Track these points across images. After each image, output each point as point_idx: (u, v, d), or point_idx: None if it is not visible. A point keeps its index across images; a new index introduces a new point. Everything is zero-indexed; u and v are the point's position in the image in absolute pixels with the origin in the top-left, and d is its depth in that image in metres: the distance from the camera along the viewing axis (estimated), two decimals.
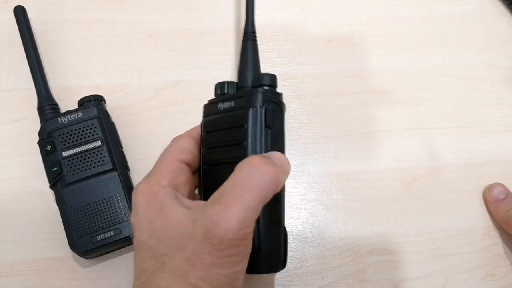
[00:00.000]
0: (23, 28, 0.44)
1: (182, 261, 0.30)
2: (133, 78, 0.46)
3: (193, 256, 0.29)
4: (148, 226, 0.32)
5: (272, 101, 0.33)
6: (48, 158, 0.40)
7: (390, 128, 0.45)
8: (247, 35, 0.38)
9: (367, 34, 0.48)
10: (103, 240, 0.38)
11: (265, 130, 0.32)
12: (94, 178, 0.39)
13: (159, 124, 0.44)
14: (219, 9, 0.48)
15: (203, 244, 0.29)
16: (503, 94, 0.47)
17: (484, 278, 0.41)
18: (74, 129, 0.40)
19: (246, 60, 0.36)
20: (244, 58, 0.37)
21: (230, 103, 0.34)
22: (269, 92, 0.34)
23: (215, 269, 0.29)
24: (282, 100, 0.34)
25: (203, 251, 0.29)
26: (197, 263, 0.29)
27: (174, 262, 0.30)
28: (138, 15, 0.48)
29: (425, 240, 0.42)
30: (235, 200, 0.29)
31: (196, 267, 0.29)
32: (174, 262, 0.30)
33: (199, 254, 0.29)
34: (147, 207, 0.32)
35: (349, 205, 0.43)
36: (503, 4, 0.50)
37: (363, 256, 0.42)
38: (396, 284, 0.41)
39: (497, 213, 0.42)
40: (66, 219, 0.39)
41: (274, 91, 0.34)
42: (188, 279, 0.29)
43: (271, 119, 0.33)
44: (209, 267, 0.29)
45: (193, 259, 0.29)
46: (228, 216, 0.28)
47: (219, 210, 0.29)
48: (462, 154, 0.45)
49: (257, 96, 0.33)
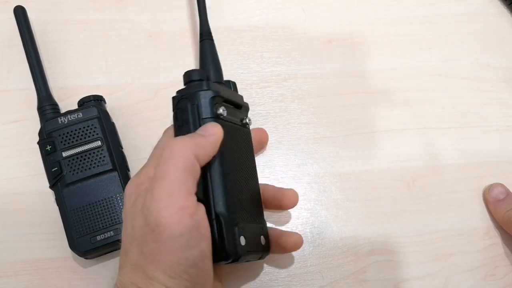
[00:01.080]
0: (23, 28, 0.44)
1: (137, 254, 0.30)
2: (133, 78, 0.46)
3: (143, 247, 0.29)
4: (124, 218, 0.32)
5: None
6: (48, 158, 0.40)
7: (390, 128, 0.45)
8: (204, 36, 0.41)
9: (367, 34, 0.48)
10: (103, 240, 0.38)
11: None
12: (94, 178, 0.39)
13: (159, 124, 0.44)
14: (218, 9, 0.48)
15: (147, 232, 0.29)
16: (503, 94, 0.47)
17: (484, 278, 0.41)
18: (74, 129, 0.40)
19: (210, 58, 0.40)
20: (209, 56, 0.40)
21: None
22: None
23: (164, 256, 0.29)
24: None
25: (149, 240, 0.29)
26: (147, 253, 0.29)
27: (132, 256, 0.30)
28: (138, 15, 0.48)
29: (425, 240, 0.42)
30: (157, 180, 0.29)
31: (148, 257, 0.29)
32: (132, 255, 0.30)
33: (147, 243, 0.29)
34: (128, 199, 0.32)
35: (349, 205, 0.43)
36: (503, 4, 0.50)
37: (363, 256, 0.42)
38: (396, 284, 0.41)
39: (497, 213, 0.42)
40: (66, 219, 0.39)
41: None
42: (145, 271, 0.29)
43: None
44: (158, 255, 0.29)
45: (144, 250, 0.29)
46: (156, 197, 0.29)
47: (150, 195, 0.29)
48: (462, 154, 0.45)
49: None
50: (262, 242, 0.36)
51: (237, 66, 0.47)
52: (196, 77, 0.35)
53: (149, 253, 0.29)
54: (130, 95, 0.45)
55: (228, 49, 0.47)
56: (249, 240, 0.34)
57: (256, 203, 0.37)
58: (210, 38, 0.41)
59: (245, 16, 0.48)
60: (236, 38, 0.47)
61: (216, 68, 0.40)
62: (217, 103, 0.34)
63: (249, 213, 0.35)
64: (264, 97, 0.46)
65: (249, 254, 0.34)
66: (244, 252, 0.33)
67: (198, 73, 0.35)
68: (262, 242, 0.36)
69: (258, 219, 0.37)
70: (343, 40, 0.48)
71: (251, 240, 0.34)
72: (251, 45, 0.47)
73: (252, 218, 0.36)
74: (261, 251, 0.36)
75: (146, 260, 0.29)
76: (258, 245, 0.36)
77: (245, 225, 0.34)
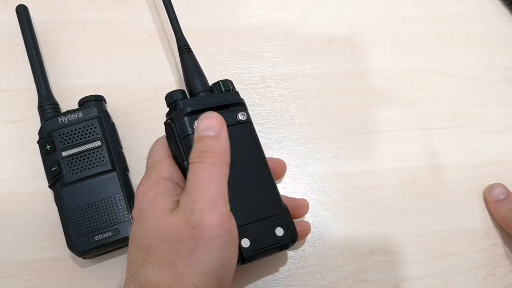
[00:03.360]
0: (25, 27, 0.44)
1: (168, 252, 0.31)
2: (133, 78, 0.46)
3: (177, 244, 0.31)
4: (139, 216, 0.33)
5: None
6: (47, 158, 0.40)
7: (390, 128, 0.45)
8: (182, 49, 0.41)
9: (367, 34, 0.48)
10: (101, 241, 0.38)
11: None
12: (93, 178, 0.39)
13: (159, 124, 0.44)
14: (218, 9, 0.48)
15: (185, 230, 0.30)
16: (503, 94, 0.47)
17: (484, 278, 0.41)
18: (74, 129, 0.40)
19: (190, 70, 0.40)
20: (188, 68, 0.40)
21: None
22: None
23: (200, 254, 0.30)
24: None
25: (186, 237, 0.30)
26: (182, 250, 0.30)
27: (159, 253, 0.31)
28: (138, 15, 0.48)
29: (425, 240, 0.42)
30: (197, 187, 0.32)
31: (181, 254, 0.30)
32: (160, 253, 0.31)
33: (183, 240, 0.30)
34: (143, 198, 0.33)
35: (349, 205, 0.43)
36: (503, 4, 0.50)
37: (363, 256, 0.42)
38: (396, 284, 0.41)
39: (498, 213, 0.42)
40: (65, 219, 0.39)
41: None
42: (175, 268, 0.30)
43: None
44: (194, 252, 0.30)
45: (177, 247, 0.30)
46: (198, 201, 0.31)
47: (189, 199, 0.31)
48: (462, 154, 0.45)
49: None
50: (278, 233, 0.36)
51: (237, 66, 0.47)
52: (172, 99, 0.37)
53: (185, 250, 0.30)
54: (130, 95, 0.45)
55: (228, 49, 0.47)
56: (256, 239, 0.34)
57: (268, 195, 0.37)
58: (188, 49, 0.41)
59: (245, 16, 0.48)
60: (236, 38, 0.47)
61: (199, 77, 0.40)
62: (193, 118, 0.35)
63: (256, 209, 0.35)
64: (264, 97, 0.46)
65: (260, 252, 0.34)
66: (250, 252, 0.34)
67: (172, 95, 0.37)
68: (278, 234, 0.36)
69: (269, 212, 0.36)
70: (343, 40, 0.48)
71: (260, 237, 0.35)
72: (251, 45, 0.47)
73: (261, 213, 0.35)
74: (278, 243, 0.35)
75: (178, 256, 0.30)
76: (272, 238, 0.35)
77: (248, 226, 0.34)
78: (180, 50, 0.41)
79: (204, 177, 0.32)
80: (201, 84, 0.39)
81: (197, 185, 0.32)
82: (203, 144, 0.33)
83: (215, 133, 0.34)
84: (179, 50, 0.42)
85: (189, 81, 0.40)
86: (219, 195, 0.32)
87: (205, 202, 0.31)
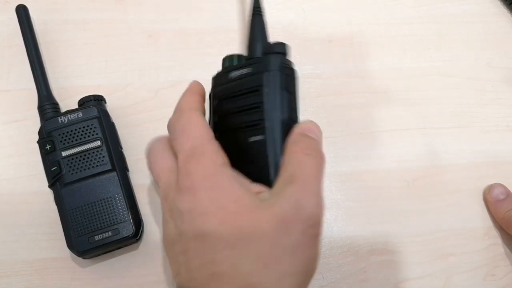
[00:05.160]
0: (25, 26, 0.44)
1: (268, 247, 0.27)
2: (133, 78, 0.46)
3: (283, 239, 0.28)
4: (218, 212, 0.28)
5: (288, 67, 0.34)
6: (47, 158, 0.40)
7: (390, 128, 0.45)
8: (254, 10, 0.38)
9: (367, 34, 0.48)
10: (101, 241, 0.38)
11: (282, 93, 0.33)
12: (93, 178, 0.39)
13: (159, 124, 0.44)
14: (219, 9, 0.48)
15: (294, 223, 0.28)
16: (503, 94, 0.47)
17: (484, 278, 0.41)
18: (74, 129, 0.40)
19: (254, 33, 0.37)
20: (253, 31, 0.37)
21: (243, 70, 0.34)
22: (284, 58, 0.34)
23: (304, 250, 0.28)
24: (294, 68, 0.35)
25: (294, 231, 0.28)
26: (287, 245, 0.28)
27: (258, 249, 0.27)
28: (138, 15, 0.48)
29: (425, 240, 0.42)
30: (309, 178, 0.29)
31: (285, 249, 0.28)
32: (259, 249, 0.27)
33: (291, 234, 0.28)
34: (211, 193, 0.29)
35: (349, 205, 0.43)
36: (503, 4, 0.50)
37: (363, 256, 0.42)
38: (396, 284, 0.41)
39: (498, 214, 0.42)
40: (65, 219, 0.39)
41: (288, 58, 0.34)
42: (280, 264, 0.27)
43: (288, 83, 0.33)
44: (298, 248, 0.28)
45: (283, 243, 0.28)
46: (310, 192, 0.29)
47: (299, 189, 0.29)
48: (462, 154, 0.45)
49: (274, 60, 0.33)
50: None
51: None
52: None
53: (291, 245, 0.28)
54: (130, 95, 0.45)
55: (228, 49, 0.47)
56: None
57: None
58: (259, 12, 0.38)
59: (246, 16, 0.48)
60: (236, 38, 0.47)
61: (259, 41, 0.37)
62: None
63: None
64: None
65: None
66: None
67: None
68: None
69: None
70: (343, 40, 0.48)
71: None
72: None
73: None
74: None
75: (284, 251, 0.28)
76: None
77: None
78: (252, 11, 0.38)
79: (316, 172, 0.30)
80: (261, 51, 0.36)
81: (310, 177, 0.30)
82: (309, 141, 0.31)
83: (318, 139, 0.32)
84: (252, 11, 0.38)
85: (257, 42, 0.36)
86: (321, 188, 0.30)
87: (318, 197, 0.29)
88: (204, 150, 0.31)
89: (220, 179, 0.30)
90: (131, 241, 0.40)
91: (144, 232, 0.41)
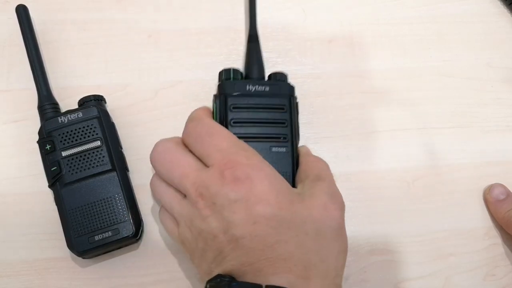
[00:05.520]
0: (25, 27, 0.44)
1: (322, 229, 0.32)
2: (133, 78, 0.46)
3: (329, 222, 0.33)
4: (277, 198, 0.32)
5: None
6: (47, 158, 0.40)
7: (390, 128, 0.45)
8: (251, 37, 0.43)
9: (367, 34, 0.48)
10: (101, 240, 0.38)
11: (297, 116, 0.40)
12: (93, 178, 0.39)
13: (159, 124, 0.44)
14: (219, 9, 0.48)
15: (334, 209, 0.33)
16: (503, 94, 0.47)
17: (484, 278, 0.41)
18: (74, 129, 0.40)
19: (252, 57, 0.43)
20: (251, 55, 0.43)
21: (263, 87, 0.39)
22: (293, 87, 0.41)
23: (343, 231, 0.34)
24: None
25: (336, 215, 0.33)
26: (334, 227, 0.33)
27: (314, 231, 0.32)
28: (138, 15, 0.48)
29: (425, 240, 0.42)
30: (331, 177, 0.36)
31: (333, 231, 0.33)
32: (315, 231, 0.32)
33: (333, 218, 0.33)
34: (266, 181, 0.32)
35: (349, 205, 0.42)
36: (503, 4, 0.50)
37: (363, 256, 0.42)
38: (396, 284, 0.41)
39: (498, 214, 0.42)
40: (65, 219, 0.39)
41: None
42: (333, 243, 0.33)
43: (297, 109, 0.41)
44: (341, 229, 0.34)
45: (330, 225, 0.33)
46: (335, 187, 0.36)
47: (327, 185, 0.35)
48: (462, 154, 0.45)
49: (292, 88, 0.40)
50: None
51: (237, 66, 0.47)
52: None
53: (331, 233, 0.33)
54: (130, 95, 0.45)
55: (228, 49, 0.47)
56: None
57: None
58: (258, 39, 0.44)
59: (245, 16, 0.48)
60: (236, 38, 0.47)
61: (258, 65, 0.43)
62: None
63: None
64: None
65: None
66: None
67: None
68: None
69: None
70: (343, 40, 0.48)
71: None
72: None
73: None
74: None
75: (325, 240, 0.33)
76: None
77: None
78: (250, 38, 0.44)
79: (331, 173, 0.37)
80: (258, 72, 0.42)
81: (331, 177, 0.36)
82: (316, 156, 0.39)
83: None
84: (250, 38, 0.44)
85: (249, 66, 0.42)
86: None
87: (339, 190, 0.36)
88: (243, 146, 0.34)
89: (269, 170, 0.33)
90: (131, 241, 0.40)
91: (144, 232, 0.41)
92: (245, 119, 0.38)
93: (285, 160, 0.38)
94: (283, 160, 0.38)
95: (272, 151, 0.38)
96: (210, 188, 0.32)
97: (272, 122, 0.38)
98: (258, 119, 0.38)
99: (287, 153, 0.38)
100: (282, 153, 0.38)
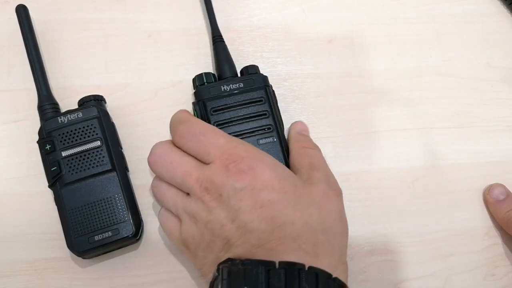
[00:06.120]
0: (25, 27, 0.44)
1: (325, 213, 0.34)
2: (133, 78, 0.46)
3: (330, 207, 0.35)
4: (280, 184, 0.33)
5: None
6: (47, 158, 0.40)
7: (390, 128, 0.45)
8: (215, 38, 0.45)
9: (367, 34, 0.48)
10: (101, 241, 0.38)
11: (277, 104, 0.42)
12: (93, 178, 0.39)
13: (159, 124, 0.44)
14: (218, 9, 0.48)
15: (333, 195, 0.36)
16: (503, 94, 0.47)
17: (484, 278, 0.41)
18: (73, 129, 0.40)
19: (221, 57, 0.44)
20: (220, 55, 0.44)
21: (234, 85, 0.41)
22: (266, 77, 0.43)
23: (344, 215, 0.36)
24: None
25: (335, 201, 0.36)
26: (335, 211, 0.36)
27: (318, 213, 0.33)
28: (138, 15, 0.48)
29: (425, 240, 0.42)
30: (325, 165, 0.39)
31: (335, 215, 0.35)
32: (318, 213, 0.33)
33: (333, 203, 0.36)
34: (268, 170, 0.34)
35: (349, 205, 0.43)
36: (503, 4, 0.50)
37: (363, 256, 0.42)
38: (396, 284, 0.41)
39: (498, 214, 0.42)
40: (65, 219, 0.39)
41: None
42: (336, 225, 0.35)
43: (275, 97, 0.43)
44: (342, 213, 0.36)
45: (331, 209, 0.35)
46: (331, 174, 0.38)
47: (322, 174, 0.37)
48: (462, 154, 0.45)
49: (264, 78, 0.42)
50: None
51: (237, 66, 0.46)
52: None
53: (337, 216, 0.36)
54: (130, 95, 0.45)
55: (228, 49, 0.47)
56: None
57: None
58: (221, 39, 0.45)
59: (245, 16, 0.48)
60: (236, 38, 0.47)
61: (228, 64, 0.44)
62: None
63: None
64: None
65: None
66: None
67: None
68: None
69: None
70: (343, 40, 0.48)
71: None
72: (251, 45, 0.47)
73: None
74: None
75: (338, 223, 0.36)
76: None
77: None
78: (214, 39, 0.45)
79: (324, 160, 0.39)
80: (230, 71, 0.43)
81: (324, 164, 0.38)
82: (306, 138, 0.42)
83: (309, 135, 0.43)
84: (213, 39, 0.45)
85: (219, 66, 0.44)
86: None
87: (334, 177, 0.38)
88: (239, 140, 0.36)
89: (269, 159, 0.35)
90: (131, 241, 0.40)
91: (144, 232, 0.41)
92: (227, 119, 0.40)
93: (275, 148, 0.40)
94: (272, 149, 0.39)
95: (260, 143, 0.40)
96: (215, 181, 0.33)
97: (254, 116, 0.40)
98: (240, 116, 0.40)
99: (275, 142, 0.40)
100: (270, 143, 0.40)
